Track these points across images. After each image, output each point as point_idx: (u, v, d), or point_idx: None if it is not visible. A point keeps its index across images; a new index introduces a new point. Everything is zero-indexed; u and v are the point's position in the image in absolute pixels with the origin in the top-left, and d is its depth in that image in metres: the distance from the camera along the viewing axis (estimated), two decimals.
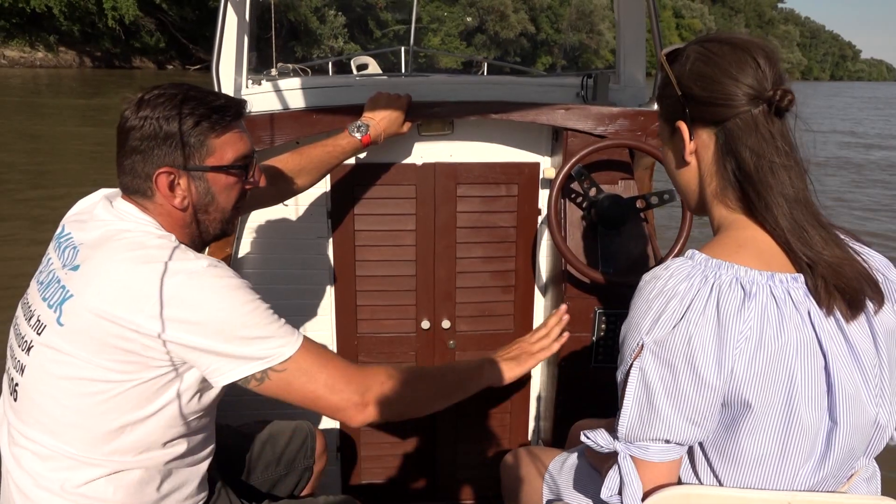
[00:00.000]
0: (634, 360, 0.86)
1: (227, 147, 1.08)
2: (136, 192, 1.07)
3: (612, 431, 0.90)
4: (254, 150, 1.15)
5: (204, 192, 1.09)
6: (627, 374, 0.87)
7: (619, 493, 0.89)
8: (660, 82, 0.98)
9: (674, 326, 0.83)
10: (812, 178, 0.90)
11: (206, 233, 1.13)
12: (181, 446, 1.09)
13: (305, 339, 1.07)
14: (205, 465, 1.17)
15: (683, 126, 0.92)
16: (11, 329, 1.10)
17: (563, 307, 1.48)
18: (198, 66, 31.02)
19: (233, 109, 1.09)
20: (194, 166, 1.06)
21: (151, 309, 0.95)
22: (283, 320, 1.06)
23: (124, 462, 1.03)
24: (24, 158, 9.01)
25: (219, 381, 1.03)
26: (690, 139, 0.92)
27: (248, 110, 1.15)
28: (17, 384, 1.04)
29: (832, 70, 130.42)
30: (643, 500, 0.87)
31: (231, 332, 0.99)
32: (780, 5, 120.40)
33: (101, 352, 0.97)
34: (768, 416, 0.83)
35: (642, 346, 0.85)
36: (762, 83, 0.86)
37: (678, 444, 0.86)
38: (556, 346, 1.42)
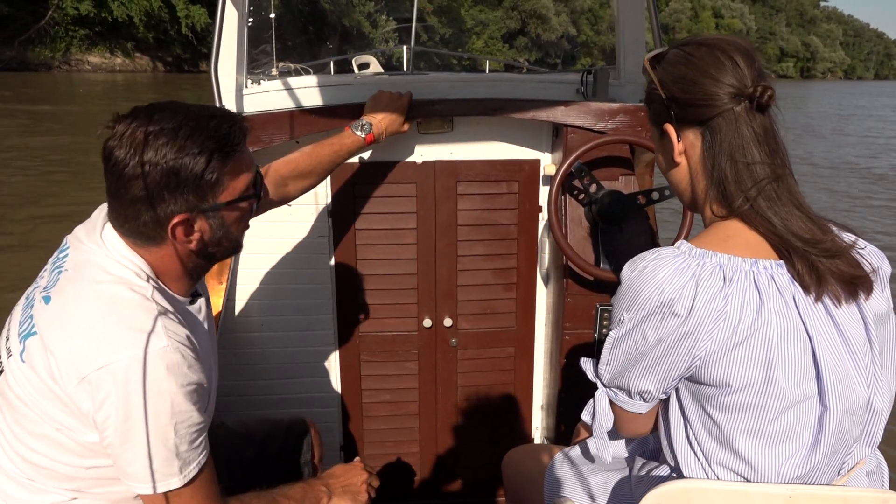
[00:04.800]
0: (613, 328, 0.92)
1: (239, 177, 0.96)
2: (143, 237, 0.94)
3: None
4: (257, 167, 1.03)
5: (218, 227, 0.97)
6: (608, 334, 0.94)
7: (593, 416, 1.00)
8: (645, 87, 0.96)
9: (650, 308, 0.85)
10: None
11: (213, 261, 1.04)
12: None
13: (199, 477, 0.94)
14: None
15: (671, 128, 0.91)
16: (1, 334, 1.02)
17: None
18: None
19: (238, 133, 0.95)
20: (210, 206, 0.93)
21: (86, 376, 0.86)
22: (193, 446, 0.93)
23: (87, 494, 0.95)
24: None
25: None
26: (678, 140, 0.91)
27: (248, 125, 1.01)
28: None
29: (876, 69, 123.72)
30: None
31: (134, 433, 0.88)
32: (822, 4, 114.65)
33: (50, 400, 0.89)
34: (752, 398, 0.84)
35: (622, 320, 0.90)
36: (742, 81, 0.85)
37: (643, 400, 0.93)
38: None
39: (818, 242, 0.84)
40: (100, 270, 0.93)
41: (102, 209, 1.01)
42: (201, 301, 1.09)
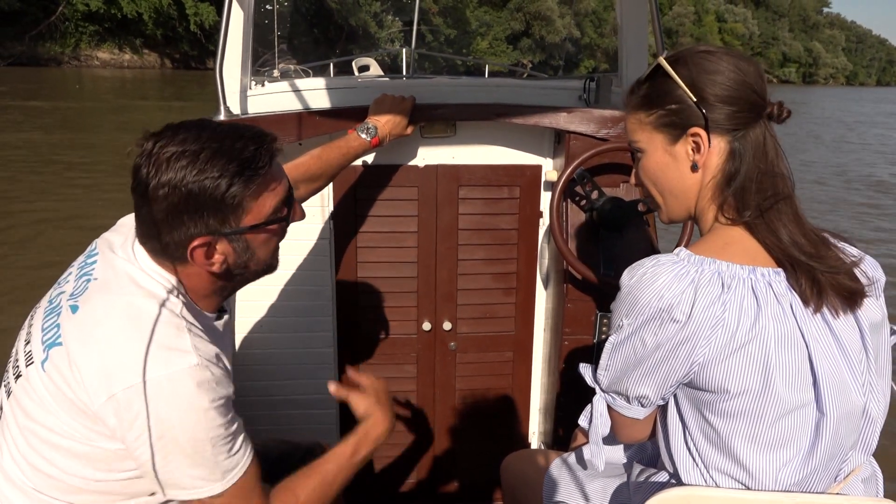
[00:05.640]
0: (612, 334, 0.91)
1: (265, 201, 0.92)
2: (166, 256, 0.92)
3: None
4: (291, 189, 0.98)
5: (243, 250, 0.94)
6: (607, 338, 0.93)
7: (590, 422, 0.99)
8: (659, 88, 0.90)
9: (649, 314, 0.85)
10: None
11: (243, 282, 1.01)
12: (157, 498, 0.97)
13: (242, 478, 0.94)
14: None
15: (703, 132, 0.88)
16: (20, 335, 1.00)
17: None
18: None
19: (266, 156, 0.91)
20: (232, 230, 0.91)
21: (115, 393, 0.85)
22: (231, 454, 0.92)
23: None
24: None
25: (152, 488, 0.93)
26: (709, 146, 0.89)
27: (279, 146, 0.95)
28: (1, 405, 0.96)
29: (878, 75, 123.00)
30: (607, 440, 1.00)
31: (171, 450, 0.87)
32: (825, 10, 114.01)
33: (70, 411, 0.87)
34: (749, 403, 0.83)
35: (621, 325, 0.89)
36: (766, 94, 0.87)
37: (641, 406, 0.92)
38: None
39: (822, 258, 0.85)
40: (130, 283, 0.91)
41: (130, 218, 0.99)
42: (226, 317, 1.08)
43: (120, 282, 0.91)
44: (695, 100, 0.87)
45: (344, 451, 1.11)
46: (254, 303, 1.77)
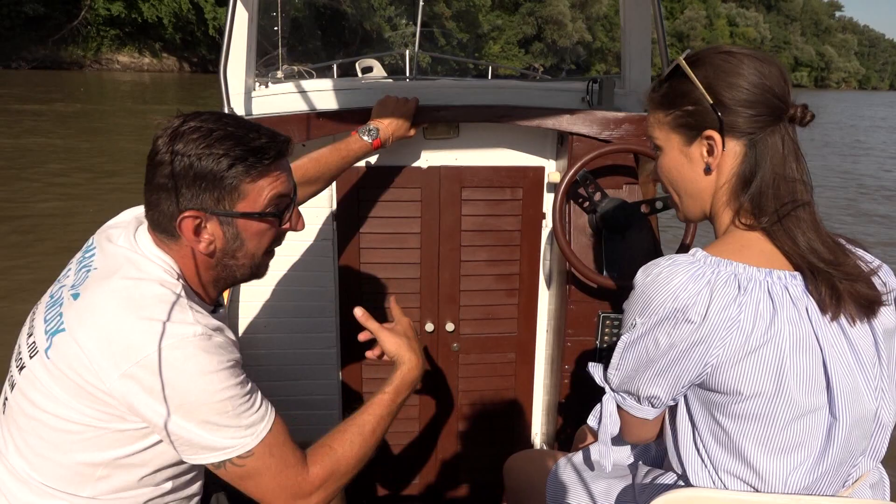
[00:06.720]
0: (625, 333, 0.90)
1: (262, 191, 0.94)
2: (161, 229, 0.94)
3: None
4: (293, 193, 1.00)
5: (233, 237, 0.95)
6: (620, 337, 0.92)
7: (599, 421, 0.98)
8: (677, 88, 0.89)
9: (663, 314, 0.83)
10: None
11: (233, 277, 1.01)
12: (165, 486, 0.98)
13: (268, 435, 0.93)
14: (193, 501, 1.06)
15: (717, 136, 0.86)
16: (22, 331, 1.01)
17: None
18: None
19: (273, 150, 0.93)
20: (224, 211, 0.92)
21: (126, 370, 0.85)
22: (253, 411, 0.92)
23: (98, 500, 0.93)
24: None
25: (181, 457, 0.93)
26: (723, 149, 0.87)
27: (291, 147, 0.98)
28: (6, 398, 0.96)
29: (891, 79, 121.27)
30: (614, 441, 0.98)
31: (193, 416, 0.88)
32: (837, 14, 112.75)
33: (78, 396, 0.87)
34: (762, 406, 0.82)
35: (634, 324, 0.87)
36: (788, 97, 0.85)
37: (651, 406, 0.91)
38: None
39: (840, 265, 0.83)
40: (131, 267, 0.92)
41: (133, 211, 1.02)
42: (223, 311, 1.08)
43: (121, 267, 0.92)
44: (711, 102, 0.85)
45: (382, 400, 1.10)
46: (257, 303, 1.77)
